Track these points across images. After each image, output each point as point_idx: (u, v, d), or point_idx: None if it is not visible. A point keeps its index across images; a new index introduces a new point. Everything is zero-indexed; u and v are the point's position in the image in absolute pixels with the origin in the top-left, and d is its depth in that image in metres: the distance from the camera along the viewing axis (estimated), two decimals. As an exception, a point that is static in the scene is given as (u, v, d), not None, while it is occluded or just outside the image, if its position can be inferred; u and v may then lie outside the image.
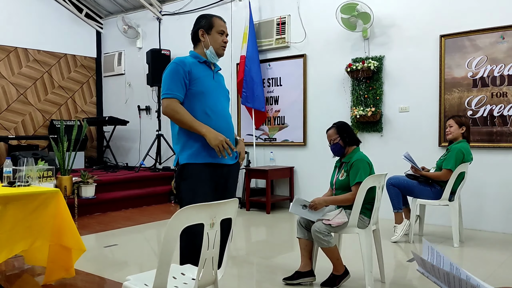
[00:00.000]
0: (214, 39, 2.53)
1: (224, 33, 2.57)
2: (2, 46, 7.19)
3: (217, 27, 2.54)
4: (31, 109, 7.57)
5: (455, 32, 4.80)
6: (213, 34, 2.53)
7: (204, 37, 2.53)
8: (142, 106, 7.80)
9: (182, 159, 2.45)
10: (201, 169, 2.41)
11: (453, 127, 4.11)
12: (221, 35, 2.55)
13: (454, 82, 4.83)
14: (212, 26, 2.53)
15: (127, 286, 1.86)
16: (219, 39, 2.54)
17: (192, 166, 2.41)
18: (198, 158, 2.41)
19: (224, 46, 2.57)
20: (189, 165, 2.41)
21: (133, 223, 5.17)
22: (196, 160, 2.41)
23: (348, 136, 3.06)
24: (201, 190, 2.38)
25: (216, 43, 2.53)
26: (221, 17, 2.63)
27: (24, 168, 2.90)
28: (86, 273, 3.29)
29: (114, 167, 7.33)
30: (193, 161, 2.41)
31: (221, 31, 2.55)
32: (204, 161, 2.42)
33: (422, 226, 4.46)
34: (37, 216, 2.72)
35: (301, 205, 2.97)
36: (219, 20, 2.59)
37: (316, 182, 5.71)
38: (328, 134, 3.13)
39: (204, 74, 2.47)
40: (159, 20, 7.52)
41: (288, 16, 6.04)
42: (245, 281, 3.24)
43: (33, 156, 4.98)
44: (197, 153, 2.41)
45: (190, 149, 2.43)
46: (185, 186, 2.42)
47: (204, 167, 2.42)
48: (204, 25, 2.54)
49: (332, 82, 5.69)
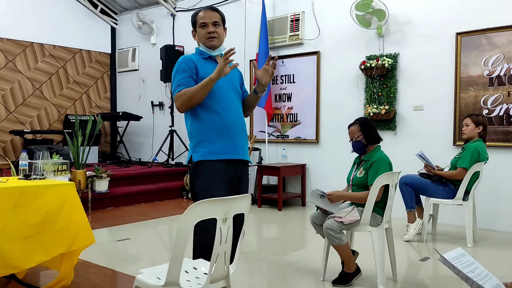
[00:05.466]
0: (200, 34, 2.48)
1: (206, 24, 2.44)
2: (19, 41, 7.29)
3: (198, 21, 2.47)
4: (46, 103, 7.67)
5: (471, 30, 4.73)
6: (198, 30, 2.49)
7: (195, 37, 2.53)
8: (156, 102, 7.85)
9: (196, 156, 2.42)
10: (216, 166, 2.39)
11: (469, 126, 4.05)
12: (203, 28, 2.45)
13: (470, 80, 4.76)
14: (195, 23, 2.50)
15: (140, 279, 1.88)
16: (202, 32, 2.47)
17: (207, 163, 2.39)
18: (212, 155, 2.39)
19: (210, 37, 2.45)
20: (204, 162, 2.39)
21: (146, 218, 5.22)
22: (210, 157, 2.39)
23: (371, 134, 3.01)
24: (217, 187, 2.36)
25: (202, 37, 2.48)
26: (207, 8, 2.49)
27: (40, 162, 2.93)
28: (99, 266, 3.34)
29: (127, 162, 7.40)
30: (207, 158, 2.39)
31: (201, 24, 2.45)
32: (218, 158, 2.39)
33: (435, 225, 4.42)
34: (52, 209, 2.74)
35: (318, 195, 2.96)
36: (202, 12, 2.47)
37: (328, 179, 5.69)
38: (350, 131, 3.07)
39: (210, 70, 2.40)
40: (173, 16, 7.55)
41: (302, 13, 6.01)
42: (256, 277, 3.25)
43: (48, 150, 5.05)
44: (212, 150, 2.39)
45: (204, 145, 2.40)
46: (200, 183, 2.39)
47: (219, 163, 2.39)
48: (192, 26, 2.53)
49: (346, 80, 5.66)
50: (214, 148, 2.40)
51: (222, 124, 2.41)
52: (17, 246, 2.56)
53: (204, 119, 2.41)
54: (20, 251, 2.56)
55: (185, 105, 2.37)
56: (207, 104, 2.40)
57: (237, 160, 2.47)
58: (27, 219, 2.61)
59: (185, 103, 2.35)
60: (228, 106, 2.45)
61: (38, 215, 2.65)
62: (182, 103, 2.35)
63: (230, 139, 2.43)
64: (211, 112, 2.41)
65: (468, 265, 1.17)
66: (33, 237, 2.63)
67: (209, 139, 2.41)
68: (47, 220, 2.68)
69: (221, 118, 2.41)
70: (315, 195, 2.96)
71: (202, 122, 2.42)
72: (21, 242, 2.57)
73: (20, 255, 2.56)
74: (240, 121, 2.51)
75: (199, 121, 2.43)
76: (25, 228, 2.59)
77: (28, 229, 2.60)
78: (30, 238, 2.61)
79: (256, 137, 6.45)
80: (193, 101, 2.35)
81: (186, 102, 2.35)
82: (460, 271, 1.15)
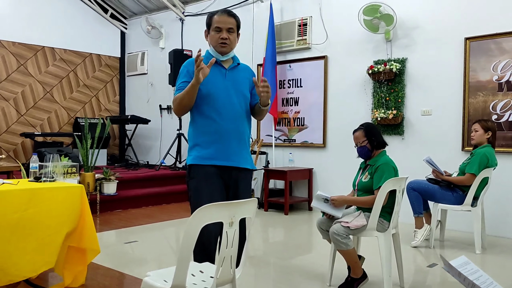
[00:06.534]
0: (212, 37, 2.47)
1: (221, 29, 2.42)
2: (30, 45, 7.39)
3: (213, 24, 2.45)
4: (56, 106, 7.76)
5: (480, 35, 4.71)
6: (211, 32, 2.47)
7: (207, 37, 2.51)
8: (164, 106, 7.90)
9: (189, 159, 2.48)
10: (207, 169, 2.42)
11: (478, 132, 4.03)
12: (217, 32, 2.43)
13: (479, 85, 4.74)
14: (210, 24, 2.47)
15: (147, 282, 1.90)
16: (215, 36, 2.45)
17: (198, 167, 2.44)
18: (202, 160, 2.43)
19: (222, 43, 2.43)
20: (196, 166, 2.44)
21: (153, 221, 5.25)
22: (201, 161, 2.43)
23: (376, 139, 3.01)
24: (206, 189, 2.40)
25: (214, 41, 2.46)
26: (225, 11, 2.46)
27: (50, 164, 2.97)
28: (106, 268, 3.36)
29: (135, 165, 7.45)
30: (198, 162, 2.43)
31: (216, 28, 2.43)
32: (208, 163, 2.42)
33: (443, 231, 4.39)
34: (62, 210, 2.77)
35: (322, 199, 2.96)
36: (218, 16, 2.44)
37: (335, 184, 5.68)
38: (355, 136, 3.08)
39: (212, 75, 2.40)
40: (181, 20, 7.61)
41: (309, 18, 6.03)
42: (262, 281, 3.25)
43: (58, 152, 5.11)
44: (202, 155, 2.43)
45: (197, 150, 2.45)
46: (192, 186, 2.45)
47: (210, 168, 2.42)
48: (206, 26, 2.51)
49: (353, 84, 5.65)
50: (204, 153, 2.43)
51: (215, 130, 2.42)
52: (30, 247, 2.58)
53: (198, 124, 2.46)
54: (33, 253, 2.58)
55: (177, 110, 2.45)
56: (202, 109, 2.43)
57: (231, 167, 2.45)
58: (38, 220, 2.64)
59: (176, 107, 2.44)
60: (225, 112, 2.43)
61: (48, 216, 2.68)
62: (175, 107, 2.44)
63: (222, 145, 2.43)
64: (205, 118, 2.43)
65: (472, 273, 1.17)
66: (45, 239, 2.66)
67: (201, 144, 2.45)
68: (57, 222, 2.71)
69: (215, 123, 2.42)
70: (319, 199, 2.96)
71: (197, 127, 2.47)
72: (34, 244, 2.60)
73: (34, 257, 2.58)
74: (237, 127, 2.47)
75: (194, 126, 2.49)
76: (37, 230, 2.62)
77: (40, 231, 2.63)
78: (42, 240, 2.64)
79: (263, 141, 6.47)
80: (182, 105, 2.41)
81: (177, 107, 2.42)
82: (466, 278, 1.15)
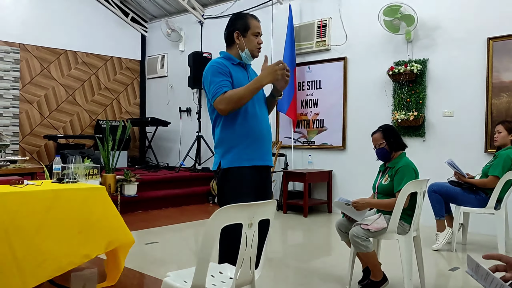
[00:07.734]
0: (250, 41, 2.46)
1: (259, 34, 2.49)
2: (53, 49, 7.56)
3: (253, 29, 2.46)
4: (78, 109, 7.91)
5: (504, 35, 4.61)
6: (249, 36, 2.46)
7: (240, 40, 2.46)
8: (183, 108, 7.97)
9: (225, 162, 2.42)
10: (244, 172, 2.40)
11: (502, 133, 3.95)
12: (256, 37, 2.47)
13: (502, 86, 4.63)
14: (248, 28, 2.46)
15: (167, 282, 1.92)
16: (255, 41, 2.47)
17: (235, 169, 2.40)
18: (241, 161, 2.40)
19: (259, 48, 2.50)
20: (233, 169, 2.40)
21: (173, 222, 5.30)
22: (239, 163, 2.40)
23: (394, 141, 2.98)
24: (246, 194, 2.36)
25: (251, 45, 2.47)
26: (256, 17, 2.53)
27: (72, 166, 3.03)
28: (127, 269, 3.40)
29: (155, 167, 7.53)
30: (236, 164, 2.40)
31: (256, 33, 2.47)
32: (247, 165, 2.40)
33: (466, 235, 4.30)
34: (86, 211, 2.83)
35: (344, 204, 2.94)
36: (255, 21, 2.49)
37: (355, 186, 5.63)
38: (373, 138, 3.06)
39: (240, 76, 2.43)
40: (201, 23, 7.67)
41: (329, 19, 6.00)
42: (281, 284, 3.25)
43: (80, 154, 5.21)
44: (241, 156, 2.41)
45: (234, 152, 2.41)
46: (229, 189, 2.40)
47: (247, 170, 2.41)
48: (239, 27, 2.46)
49: (373, 86, 5.60)
50: (243, 154, 2.41)
51: (252, 131, 2.43)
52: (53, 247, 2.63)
53: (234, 126, 2.41)
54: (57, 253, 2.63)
55: (232, 107, 2.33)
56: (238, 111, 2.40)
57: (263, 166, 2.50)
58: (61, 221, 2.69)
59: (232, 105, 2.32)
60: (257, 112, 2.46)
61: (72, 217, 2.73)
62: (229, 104, 2.31)
63: (259, 145, 2.45)
64: (242, 119, 2.41)
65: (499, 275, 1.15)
66: (68, 239, 2.71)
67: (239, 145, 2.41)
68: (81, 222, 2.77)
69: (251, 125, 2.43)
70: (340, 205, 2.94)
71: (233, 129, 2.41)
72: (56, 244, 2.65)
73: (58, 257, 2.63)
74: (267, 127, 2.55)
75: (230, 128, 2.42)
76: (60, 230, 2.67)
77: (63, 231, 2.68)
78: (65, 240, 2.69)
79: (282, 143, 6.46)
80: (241, 103, 2.34)
81: (234, 104, 2.32)
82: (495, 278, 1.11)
